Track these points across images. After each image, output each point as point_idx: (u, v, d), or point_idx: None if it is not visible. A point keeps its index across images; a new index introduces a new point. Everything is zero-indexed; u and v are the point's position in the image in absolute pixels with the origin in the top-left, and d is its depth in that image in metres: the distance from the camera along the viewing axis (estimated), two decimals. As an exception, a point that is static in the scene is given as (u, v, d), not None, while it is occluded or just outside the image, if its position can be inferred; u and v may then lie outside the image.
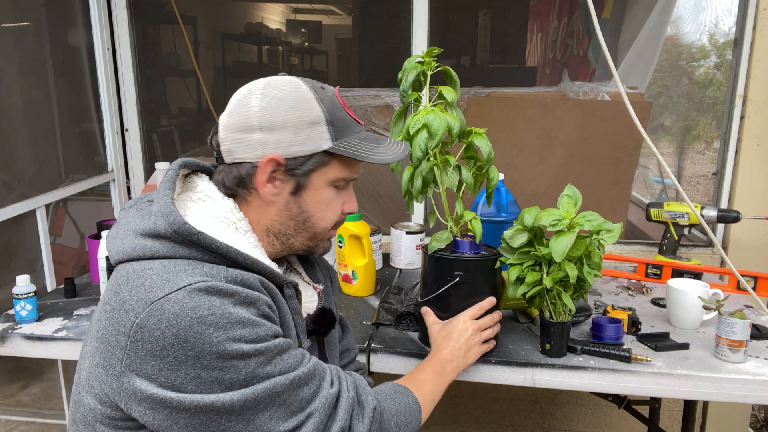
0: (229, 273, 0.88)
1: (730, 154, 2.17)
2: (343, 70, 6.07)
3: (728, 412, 2.34)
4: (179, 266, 0.86)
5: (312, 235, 1.04)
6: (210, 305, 0.81)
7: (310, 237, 1.04)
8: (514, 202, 1.77)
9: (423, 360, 1.23)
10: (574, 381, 1.32)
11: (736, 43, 2.12)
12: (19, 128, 2.17)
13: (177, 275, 0.84)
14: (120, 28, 2.43)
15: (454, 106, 1.30)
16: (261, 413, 0.85)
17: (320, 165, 0.98)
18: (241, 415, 0.83)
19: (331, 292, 1.23)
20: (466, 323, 1.26)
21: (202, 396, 0.81)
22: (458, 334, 1.24)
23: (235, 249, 0.90)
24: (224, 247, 0.89)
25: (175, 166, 0.99)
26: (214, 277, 0.85)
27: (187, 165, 1.03)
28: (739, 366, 1.33)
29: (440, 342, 1.24)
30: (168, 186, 0.94)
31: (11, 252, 2.11)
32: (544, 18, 4.13)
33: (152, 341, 0.80)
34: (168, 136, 3.31)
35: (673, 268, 1.88)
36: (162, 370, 0.81)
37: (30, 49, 2.26)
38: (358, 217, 1.80)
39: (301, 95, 0.97)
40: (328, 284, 1.22)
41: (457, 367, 1.21)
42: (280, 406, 0.86)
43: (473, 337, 1.25)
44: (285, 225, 1.02)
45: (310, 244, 1.05)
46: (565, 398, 2.48)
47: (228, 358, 0.82)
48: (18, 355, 1.51)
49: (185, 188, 1.02)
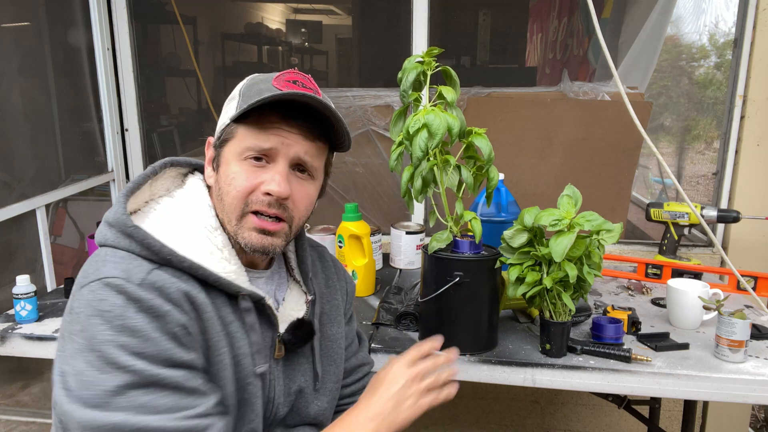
0: (151, 276, 0.83)
1: (730, 154, 2.17)
2: (343, 70, 6.07)
3: (728, 412, 2.34)
4: (113, 257, 0.85)
5: (229, 217, 0.94)
6: (113, 303, 0.80)
7: (231, 221, 0.94)
8: (514, 202, 1.77)
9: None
10: (574, 381, 1.32)
11: (736, 43, 2.12)
12: (19, 128, 2.17)
13: (105, 266, 0.84)
14: (120, 28, 2.43)
15: (454, 106, 1.30)
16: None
17: (229, 137, 0.94)
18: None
19: (342, 305, 1.15)
20: (399, 370, 1.00)
21: (68, 398, 0.78)
22: (388, 384, 0.99)
23: (170, 249, 0.86)
24: (157, 245, 0.86)
25: (158, 164, 0.98)
26: (129, 276, 0.82)
27: (175, 163, 1.01)
28: (739, 366, 1.32)
29: (365, 395, 1.01)
30: (136, 180, 0.94)
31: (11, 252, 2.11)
32: (544, 18, 4.13)
33: (71, 324, 0.82)
34: (168, 136, 3.31)
35: (673, 268, 1.88)
36: (67, 354, 0.81)
37: (30, 49, 2.26)
38: (358, 217, 1.80)
39: (242, 82, 0.99)
40: (339, 299, 1.15)
41: (382, 427, 0.94)
42: None
43: (408, 388, 0.98)
44: (218, 208, 0.95)
45: (236, 231, 0.93)
46: (565, 398, 2.48)
47: (105, 362, 0.78)
48: (18, 355, 1.51)
49: (177, 186, 1.01)
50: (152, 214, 0.94)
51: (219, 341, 0.89)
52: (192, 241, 0.91)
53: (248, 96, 0.92)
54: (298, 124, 0.93)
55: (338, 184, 2.48)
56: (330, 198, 2.47)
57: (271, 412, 1.01)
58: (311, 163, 0.96)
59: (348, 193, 2.49)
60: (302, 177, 0.96)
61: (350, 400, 1.18)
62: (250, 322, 0.93)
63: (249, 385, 0.94)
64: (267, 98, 0.88)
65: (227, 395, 0.90)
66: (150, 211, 0.94)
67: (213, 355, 0.88)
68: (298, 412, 1.05)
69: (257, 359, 0.94)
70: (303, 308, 1.04)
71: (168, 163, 1.00)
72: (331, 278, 1.16)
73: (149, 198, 0.97)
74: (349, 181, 2.48)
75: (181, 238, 0.90)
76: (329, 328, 1.11)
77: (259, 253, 0.95)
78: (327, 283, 1.15)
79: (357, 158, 2.45)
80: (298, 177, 0.96)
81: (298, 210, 0.96)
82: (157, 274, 0.84)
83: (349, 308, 1.21)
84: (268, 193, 0.91)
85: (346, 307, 1.19)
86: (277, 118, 0.91)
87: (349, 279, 1.22)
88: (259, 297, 0.94)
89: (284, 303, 1.04)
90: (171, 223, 0.92)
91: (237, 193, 0.92)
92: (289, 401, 1.03)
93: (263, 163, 0.92)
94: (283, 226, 0.95)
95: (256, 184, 0.92)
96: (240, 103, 0.93)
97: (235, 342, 0.92)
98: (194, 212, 0.95)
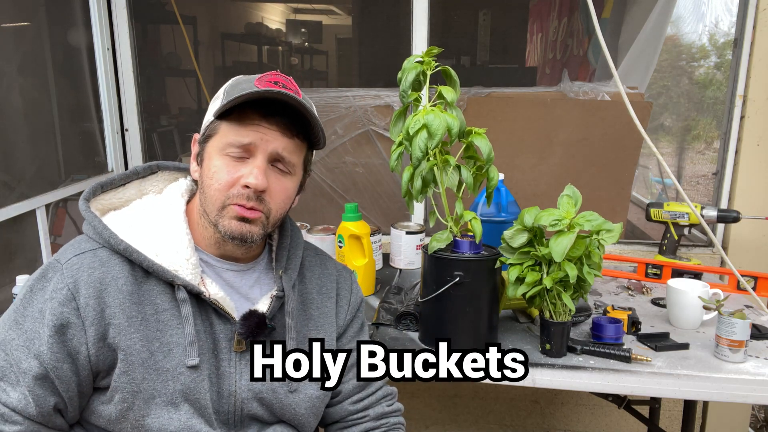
0: (77, 258, 0.95)
1: (730, 154, 2.17)
2: (343, 70, 6.07)
3: (728, 412, 2.34)
4: (75, 240, 0.99)
5: (210, 208, 0.99)
6: (40, 273, 0.95)
7: (212, 211, 0.99)
8: (514, 202, 1.77)
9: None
10: (574, 381, 1.32)
11: (736, 43, 2.12)
12: (19, 128, 2.16)
13: (65, 246, 0.98)
14: (120, 28, 2.43)
15: (453, 106, 1.30)
16: None
17: (212, 133, 1.00)
18: None
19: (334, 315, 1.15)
20: None
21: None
22: None
23: (110, 232, 0.96)
24: (99, 227, 0.97)
25: (141, 167, 1.09)
26: (62, 254, 0.96)
27: (163, 167, 1.12)
28: (739, 366, 1.32)
29: None
30: (113, 176, 1.05)
31: (11, 252, 2.11)
32: (544, 18, 4.13)
33: None
34: (168, 136, 3.31)
35: (673, 268, 1.88)
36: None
37: (30, 49, 2.26)
38: (358, 217, 1.80)
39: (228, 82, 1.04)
40: (331, 307, 1.14)
41: None
42: None
43: None
44: (201, 200, 1.02)
45: (216, 220, 0.99)
46: (565, 398, 2.48)
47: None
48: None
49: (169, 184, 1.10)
50: (131, 206, 1.05)
51: (129, 326, 0.94)
52: (143, 228, 0.99)
53: (231, 94, 0.97)
54: (277, 121, 0.98)
55: (338, 184, 2.48)
56: (330, 198, 2.47)
57: (232, 406, 1.01)
58: (289, 158, 1.00)
59: (348, 193, 2.48)
60: (280, 172, 1.01)
61: (362, 414, 1.17)
62: (184, 313, 0.96)
63: (181, 375, 0.95)
64: (246, 95, 0.94)
65: (135, 379, 0.94)
66: (131, 204, 1.05)
67: (121, 339, 0.93)
68: (273, 411, 1.05)
69: (189, 351, 0.96)
70: (267, 302, 1.05)
71: (155, 167, 1.10)
72: (326, 285, 1.16)
73: (137, 196, 1.07)
74: (349, 181, 2.48)
75: (133, 226, 0.99)
76: (314, 333, 1.11)
77: (238, 241, 0.99)
78: (320, 289, 1.15)
79: (357, 158, 2.45)
80: (277, 172, 1.01)
81: (275, 202, 1.01)
82: (84, 257, 0.95)
83: (352, 320, 1.20)
84: (247, 185, 0.96)
85: (348, 318, 1.18)
86: (257, 115, 0.97)
87: (355, 290, 1.21)
88: (196, 290, 0.97)
89: (260, 300, 1.06)
90: (137, 214, 1.02)
91: (219, 186, 0.97)
92: (259, 398, 1.03)
93: (243, 159, 0.97)
94: (261, 216, 1.00)
95: (236, 178, 0.97)
96: (223, 101, 0.98)
97: (167, 329, 0.96)
98: (165, 206, 1.04)
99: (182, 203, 1.05)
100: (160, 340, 0.95)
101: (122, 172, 1.07)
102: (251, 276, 1.08)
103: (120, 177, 1.07)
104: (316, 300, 1.14)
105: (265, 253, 1.12)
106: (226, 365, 1.01)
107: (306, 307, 1.12)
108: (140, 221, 1.01)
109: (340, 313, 1.17)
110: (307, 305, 1.12)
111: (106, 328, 0.93)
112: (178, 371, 0.95)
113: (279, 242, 1.12)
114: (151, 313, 0.96)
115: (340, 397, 1.17)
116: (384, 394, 1.21)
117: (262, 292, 1.08)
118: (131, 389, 0.93)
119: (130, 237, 0.97)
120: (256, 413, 1.04)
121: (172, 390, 0.95)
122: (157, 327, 0.96)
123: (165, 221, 1.01)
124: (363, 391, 1.18)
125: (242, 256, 1.06)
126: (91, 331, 0.92)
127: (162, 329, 0.96)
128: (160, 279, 0.97)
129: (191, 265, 0.98)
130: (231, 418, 1.02)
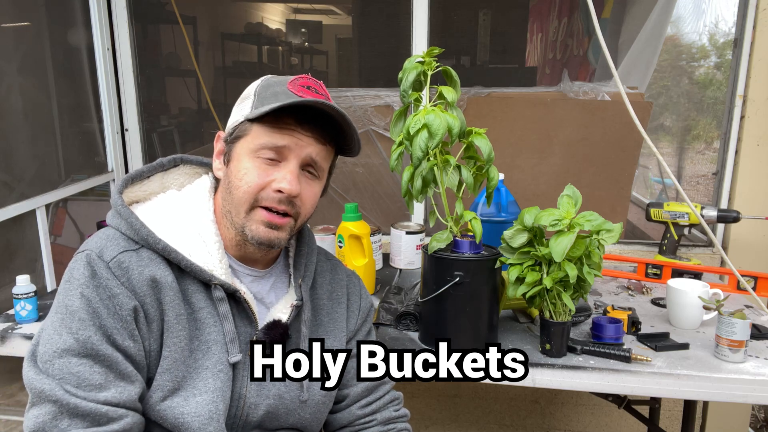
0: (122, 256, 0.91)
1: (730, 154, 2.17)
2: (343, 70, 6.07)
3: (728, 412, 2.34)
4: (103, 234, 0.95)
5: (237, 210, 0.98)
6: (81, 273, 0.90)
7: (239, 213, 0.98)
8: (514, 202, 1.77)
9: None
10: (574, 381, 1.32)
11: (736, 43, 2.12)
12: (19, 128, 2.16)
13: (93, 240, 0.94)
14: (120, 28, 2.43)
15: (454, 106, 1.30)
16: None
17: (242, 134, 0.98)
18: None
19: (345, 321, 1.15)
20: None
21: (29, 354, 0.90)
22: None
23: (148, 230, 0.94)
24: (137, 224, 0.94)
25: (166, 159, 1.07)
26: (103, 252, 0.91)
27: (186, 161, 1.10)
28: (739, 366, 1.33)
29: None
30: (141, 169, 1.03)
31: (11, 252, 2.11)
32: (544, 18, 4.13)
33: (60, 287, 0.93)
34: (168, 136, 3.32)
35: (673, 268, 1.88)
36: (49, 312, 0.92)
37: (30, 49, 2.26)
38: (358, 217, 1.80)
39: (256, 82, 1.03)
40: (342, 313, 1.15)
41: None
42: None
43: None
44: (225, 200, 1.01)
45: (243, 223, 0.98)
46: (565, 398, 2.48)
47: (62, 323, 0.88)
48: (18, 355, 1.51)
49: (189, 182, 1.08)
50: (154, 200, 1.02)
51: (177, 324, 0.93)
52: (176, 227, 0.97)
53: (263, 97, 0.97)
54: (312, 127, 0.98)
55: (338, 184, 2.48)
56: (330, 198, 2.47)
57: (240, 410, 1.00)
58: (320, 164, 1.02)
59: (348, 193, 2.48)
60: (310, 177, 1.02)
61: (370, 418, 1.17)
62: (222, 312, 0.97)
63: (221, 373, 0.96)
64: (289, 104, 0.93)
65: (177, 377, 0.93)
66: (153, 198, 1.02)
67: (169, 336, 0.93)
68: (277, 417, 1.05)
69: (231, 348, 0.97)
70: (288, 311, 1.05)
71: (179, 160, 1.08)
72: (337, 291, 1.16)
73: (160, 190, 1.05)
74: (349, 181, 2.48)
75: (165, 224, 0.97)
76: (325, 340, 1.11)
77: (264, 246, 1.00)
78: (331, 295, 1.15)
79: (357, 158, 2.44)
80: (307, 177, 1.01)
81: (305, 207, 1.02)
82: (128, 255, 0.92)
83: (362, 325, 1.20)
84: (280, 190, 0.96)
85: (358, 323, 1.19)
86: (293, 120, 0.97)
87: (365, 296, 1.22)
88: (232, 289, 0.98)
89: (276, 306, 1.06)
90: (164, 211, 1.00)
91: (248, 188, 0.96)
92: (266, 404, 1.02)
93: (275, 162, 0.97)
94: (289, 221, 1.00)
95: (268, 182, 0.97)
96: (255, 103, 0.98)
97: (205, 328, 0.96)
98: (192, 205, 1.02)
99: (211, 205, 1.03)
100: (199, 339, 0.96)
101: (149, 164, 1.06)
102: (268, 281, 1.09)
103: (148, 169, 1.05)
104: (326, 306, 1.14)
105: (281, 258, 1.12)
106: (242, 366, 1.01)
107: (316, 312, 1.12)
108: (169, 218, 0.99)
109: (351, 319, 1.17)
110: (317, 311, 1.13)
111: (161, 325, 0.93)
112: (217, 368, 0.96)
113: (297, 249, 1.12)
114: (190, 312, 0.96)
115: (348, 401, 1.16)
116: (391, 398, 1.21)
117: (277, 297, 1.08)
118: (171, 387, 0.93)
119: (165, 235, 0.96)
120: (262, 420, 1.03)
121: (212, 387, 0.95)
122: (196, 325, 0.96)
123: (195, 222, 1.00)
124: (371, 395, 1.18)
125: (261, 258, 1.06)
126: (154, 327, 0.92)
127: (200, 327, 0.96)
128: (195, 278, 0.97)
129: (224, 266, 0.99)
130: (236, 422, 1.01)
